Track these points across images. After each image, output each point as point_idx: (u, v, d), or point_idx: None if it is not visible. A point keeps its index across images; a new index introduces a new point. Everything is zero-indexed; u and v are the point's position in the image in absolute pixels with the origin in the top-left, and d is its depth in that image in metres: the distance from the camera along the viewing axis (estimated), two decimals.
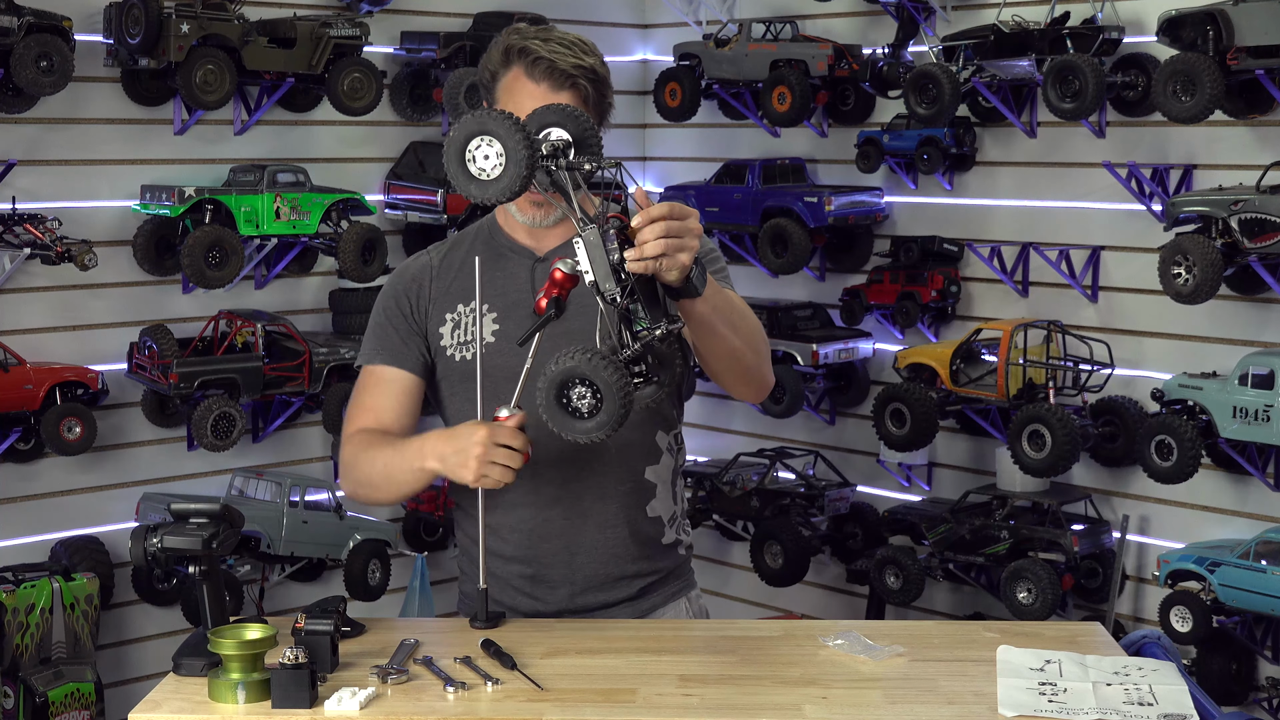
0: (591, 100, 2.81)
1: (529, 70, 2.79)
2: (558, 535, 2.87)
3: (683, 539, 3.02)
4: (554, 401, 2.40)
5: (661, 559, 2.95)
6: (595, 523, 2.87)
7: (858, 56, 5.81)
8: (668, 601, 2.96)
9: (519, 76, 2.80)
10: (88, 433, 5.00)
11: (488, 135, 2.38)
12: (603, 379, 2.36)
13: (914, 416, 5.45)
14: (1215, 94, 4.62)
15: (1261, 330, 4.96)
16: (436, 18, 5.94)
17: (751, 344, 2.77)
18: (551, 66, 2.78)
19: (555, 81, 2.78)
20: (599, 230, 2.40)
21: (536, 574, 2.89)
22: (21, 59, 4.72)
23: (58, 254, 4.87)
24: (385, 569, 5.60)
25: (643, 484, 2.91)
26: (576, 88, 2.79)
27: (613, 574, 2.89)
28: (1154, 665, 2.48)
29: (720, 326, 2.67)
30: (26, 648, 4.85)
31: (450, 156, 2.40)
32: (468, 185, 2.41)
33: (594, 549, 2.87)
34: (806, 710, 2.31)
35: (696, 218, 2.47)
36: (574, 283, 2.49)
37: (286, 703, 2.30)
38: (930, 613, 5.87)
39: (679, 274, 2.45)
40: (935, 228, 5.81)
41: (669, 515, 2.97)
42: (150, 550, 2.51)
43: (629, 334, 2.43)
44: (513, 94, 2.79)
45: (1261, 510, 4.98)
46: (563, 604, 2.89)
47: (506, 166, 2.38)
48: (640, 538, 2.91)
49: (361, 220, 5.50)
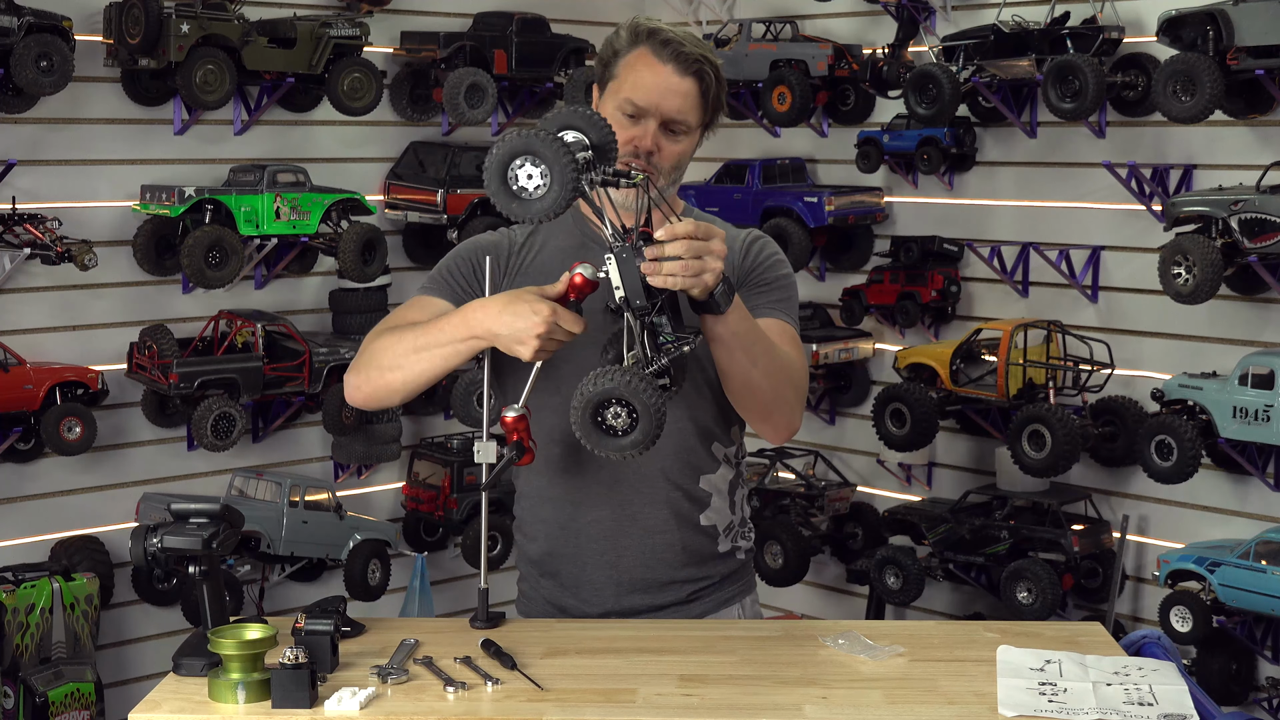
0: (711, 93, 2.82)
1: (657, 50, 2.79)
2: (604, 536, 2.84)
3: (740, 544, 2.96)
4: (589, 420, 2.41)
5: (714, 565, 2.92)
6: (642, 527, 2.84)
7: (858, 56, 5.81)
8: (721, 607, 2.93)
9: (645, 54, 2.79)
10: (88, 433, 5.00)
11: (533, 155, 2.37)
12: (641, 401, 2.37)
13: (914, 416, 5.45)
14: (1215, 94, 4.62)
15: (1261, 330, 4.96)
16: (436, 18, 5.94)
17: (772, 381, 2.71)
18: (681, 50, 2.78)
19: (681, 65, 2.78)
20: (630, 246, 2.40)
21: (583, 574, 2.86)
22: (21, 59, 4.72)
23: (58, 254, 4.88)
24: (385, 569, 5.60)
25: (696, 493, 2.88)
26: (701, 76, 2.80)
27: (659, 578, 2.86)
28: (1154, 665, 2.48)
29: (739, 352, 2.63)
30: (26, 648, 4.85)
31: (491, 172, 2.39)
32: (508, 202, 2.40)
33: (639, 553, 2.85)
34: (806, 710, 2.31)
35: (722, 238, 2.46)
36: (593, 288, 2.51)
37: (286, 703, 2.30)
38: (930, 613, 5.87)
39: (701, 290, 2.45)
40: (935, 228, 5.81)
41: (725, 525, 2.92)
42: (150, 550, 2.50)
43: (652, 346, 2.44)
44: (635, 69, 2.79)
45: (1261, 510, 4.98)
46: (608, 605, 2.86)
47: (551, 188, 2.37)
48: (690, 545, 2.87)
49: (361, 220, 5.50)
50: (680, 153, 2.83)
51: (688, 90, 2.79)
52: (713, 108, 2.85)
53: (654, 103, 2.77)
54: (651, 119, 2.77)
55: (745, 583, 3.00)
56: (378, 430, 5.72)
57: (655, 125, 2.78)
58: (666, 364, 2.44)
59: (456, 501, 5.74)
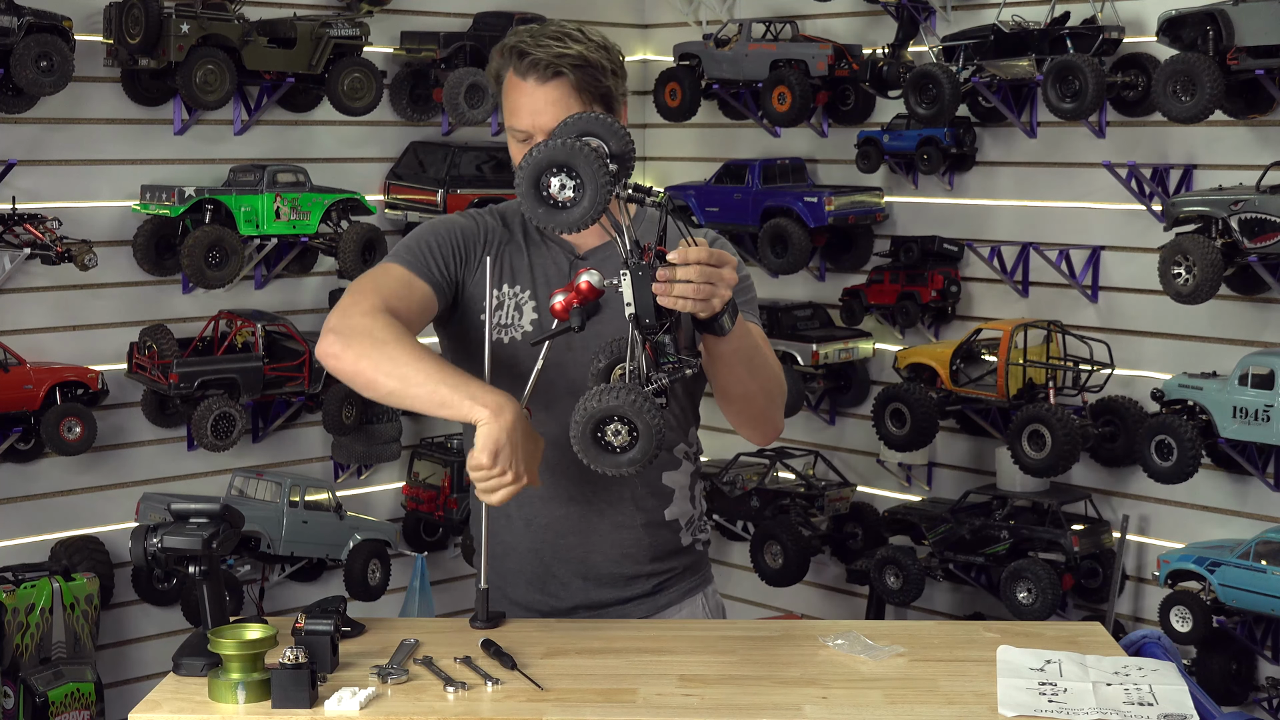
0: (586, 84, 2.73)
1: (517, 68, 2.74)
2: (573, 532, 2.86)
3: (699, 537, 3.01)
4: (589, 435, 2.41)
5: (676, 558, 2.96)
6: (611, 523, 2.87)
7: (858, 56, 5.81)
8: (684, 598, 2.96)
9: (511, 77, 2.76)
10: (88, 433, 5.00)
11: (569, 167, 2.35)
12: (644, 421, 2.38)
13: (914, 416, 5.45)
14: (1215, 94, 4.62)
15: (1261, 330, 4.96)
16: (436, 18, 5.94)
17: (766, 390, 2.74)
18: (534, 61, 2.71)
19: (540, 74, 2.71)
20: (647, 264, 2.40)
21: (550, 570, 2.88)
22: (21, 59, 4.72)
23: (58, 254, 4.88)
24: (385, 569, 5.60)
25: (660, 489, 2.91)
26: (561, 76, 2.71)
27: (626, 573, 2.89)
28: (1154, 665, 2.48)
29: (739, 368, 2.64)
30: (26, 648, 4.85)
31: (525, 176, 2.38)
32: (536, 208, 2.39)
33: (609, 548, 2.87)
34: (806, 710, 2.31)
35: (734, 266, 2.45)
36: (597, 296, 2.51)
37: (286, 703, 2.30)
38: (930, 613, 5.87)
39: (707, 314, 2.45)
40: (935, 228, 5.81)
41: (686, 519, 2.96)
42: (150, 550, 2.50)
43: (654, 364, 2.44)
44: (509, 95, 2.77)
45: (1261, 510, 4.98)
46: (577, 599, 2.88)
47: (582, 201, 2.37)
48: (656, 539, 2.91)
49: (361, 220, 5.51)
50: None
51: (556, 97, 2.71)
52: (597, 101, 2.75)
53: (531, 123, 2.72)
54: (538, 136, 2.71)
55: (704, 574, 3.04)
56: (378, 430, 5.73)
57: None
58: (667, 384, 2.44)
59: (456, 501, 5.74)
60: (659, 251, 2.43)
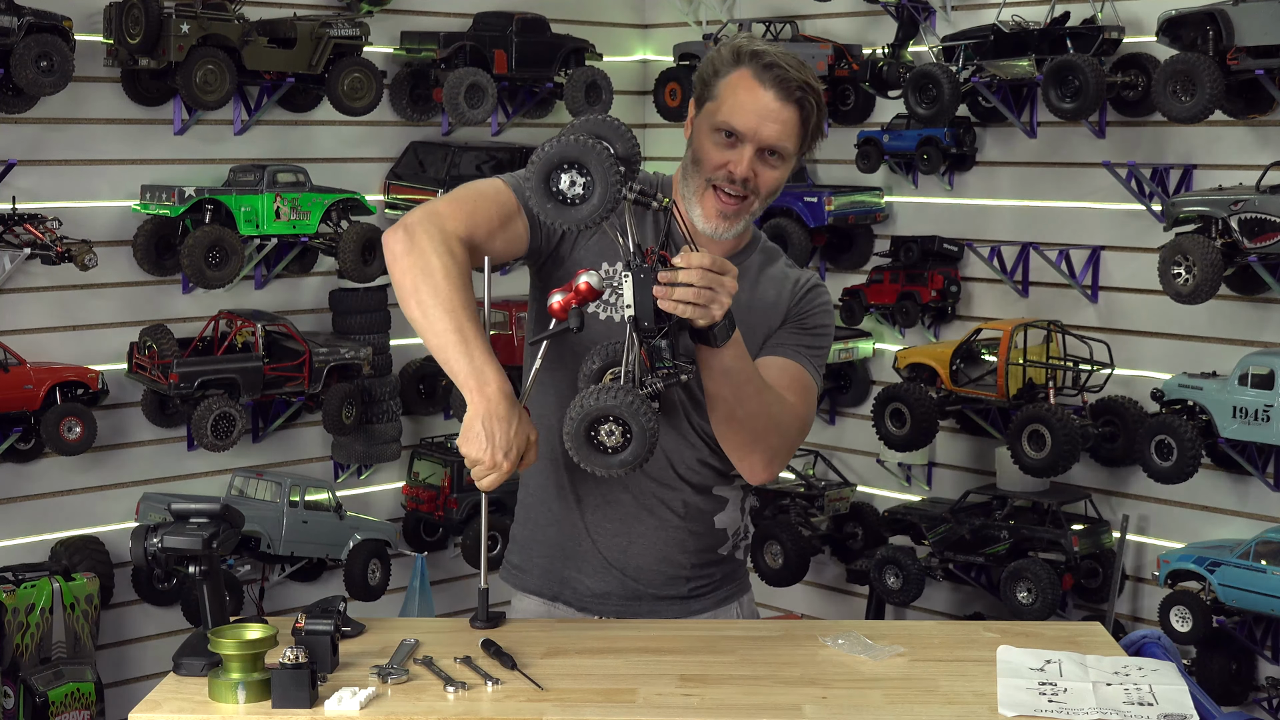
0: (811, 121, 2.77)
1: (759, 74, 2.72)
2: (619, 519, 2.85)
3: (740, 547, 3.00)
4: (583, 434, 2.41)
5: (718, 566, 2.95)
6: (658, 519, 2.86)
7: (858, 56, 5.81)
8: (719, 605, 2.96)
9: (746, 77, 2.73)
10: (88, 433, 5.00)
11: (580, 164, 2.36)
12: (639, 423, 2.38)
13: (914, 416, 5.45)
14: (1215, 94, 4.62)
15: (1261, 330, 4.96)
16: (436, 18, 5.94)
17: (755, 424, 2.69)
18: (784, 76, 2.72)
19: (783, 91, 2.72)
20: (650, 267, 2.41)
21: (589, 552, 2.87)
22: (21, 59, 4.72)
23: (58, 254, 4.87)
24: (385, 569, 5.60)
25: (714, 496, 2.91)
26: (802, 104, 2.74)
27: (665, 572, 2.89)
28: (1154, 665, 2.48)
29: (726, 388, 2.62)
30: (26, 648, 4.85)
31: (536, 171, 2.38)
32: (544, 203, 2.40)
33: (652, 544, 2.87)
34: (806, 710, 2.31)
35: (734, 275, 2.46)
36: (596, 296, 2.51)
37: (286, 703, 2.30)
38: (930, 613, 5.87)
39: (705, 321, 2.45)
40: (935, 228, 5.81)
41: (734, 529, 2.97)
42: (150, 550, 2.50)
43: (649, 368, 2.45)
44: (735, 92, 2.73)
45: (1261, 510, 4.98)
46: (611, 587, 2.88)
47: (590, 199, 2.37)
48: (701, 544, 2.91)
49: (361, 220, 5.51)
50: (775, 179, 2.77)
51: (788, 118, 2.74)
52: (811, 136, 2.80)
53: (752, 128, 2.72)
54: (748, 144, 2.72)
55: (741, 582, 3.03)
56: (378, 430, 5.72)
57: (751, 151, 2.72)
58: (661, 388, 2.44)
59: (456, 501, 5.74)
60: (662, 255, 2.44)
